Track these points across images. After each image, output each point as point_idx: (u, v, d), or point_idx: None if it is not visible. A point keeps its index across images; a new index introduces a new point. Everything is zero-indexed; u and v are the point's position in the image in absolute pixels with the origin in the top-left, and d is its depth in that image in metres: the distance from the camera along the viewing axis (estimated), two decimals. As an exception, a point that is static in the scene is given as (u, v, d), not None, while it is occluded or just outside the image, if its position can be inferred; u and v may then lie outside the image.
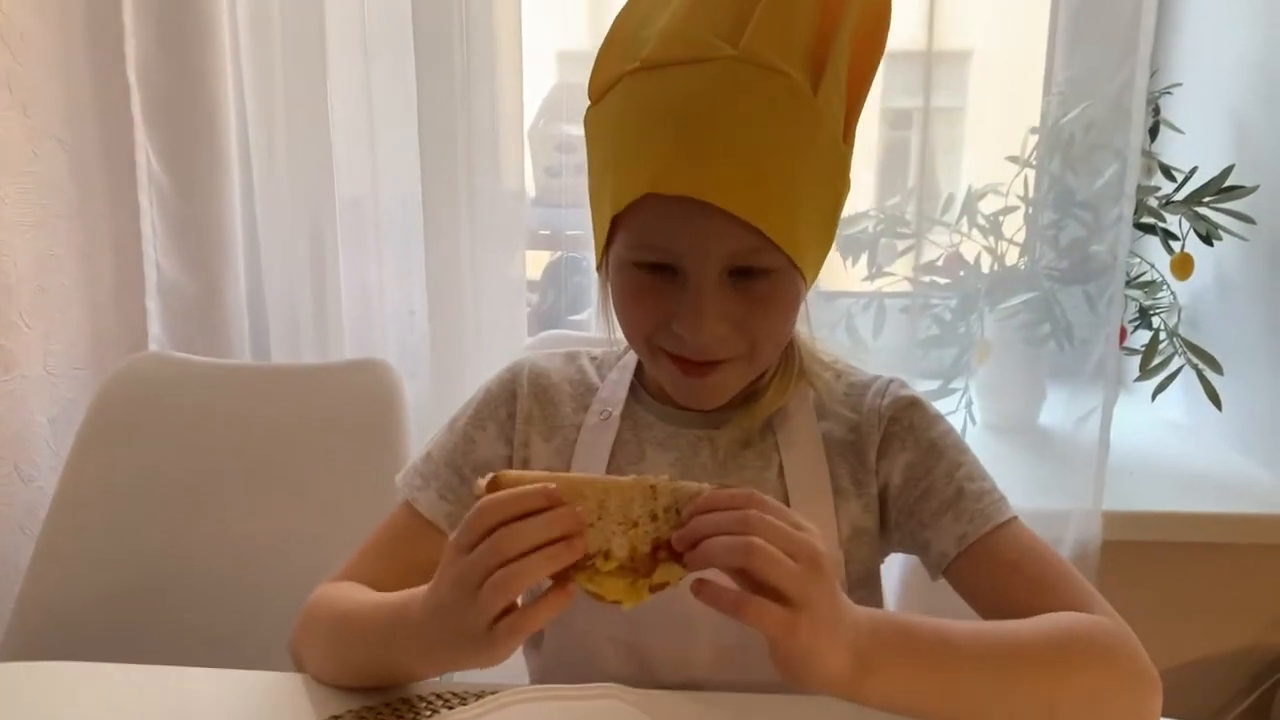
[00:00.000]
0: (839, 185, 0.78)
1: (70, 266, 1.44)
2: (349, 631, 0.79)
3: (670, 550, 0.61)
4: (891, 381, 0.87)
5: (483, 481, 0.63)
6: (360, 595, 0.82)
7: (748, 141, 0.70)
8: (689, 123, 0.70)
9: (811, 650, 0.59)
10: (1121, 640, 0.71)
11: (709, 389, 0.79)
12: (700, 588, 0.59)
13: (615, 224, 0.77)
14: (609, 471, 0.85)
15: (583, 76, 0.81)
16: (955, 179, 1.64)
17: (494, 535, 0.60)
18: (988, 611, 0.78)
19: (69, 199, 1.43)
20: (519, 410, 0.89)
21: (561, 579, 0.62)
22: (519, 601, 0.63)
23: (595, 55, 0.79)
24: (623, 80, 0.75)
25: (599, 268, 0.82)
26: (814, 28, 0.72)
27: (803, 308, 0.83)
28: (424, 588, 0.68)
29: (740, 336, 0.76)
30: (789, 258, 0.73)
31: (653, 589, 0.62)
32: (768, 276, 0.74)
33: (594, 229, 0.82)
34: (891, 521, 0.84)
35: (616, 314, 0.81)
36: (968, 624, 0.68)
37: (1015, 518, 0.80)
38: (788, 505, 0.80)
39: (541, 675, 0.89)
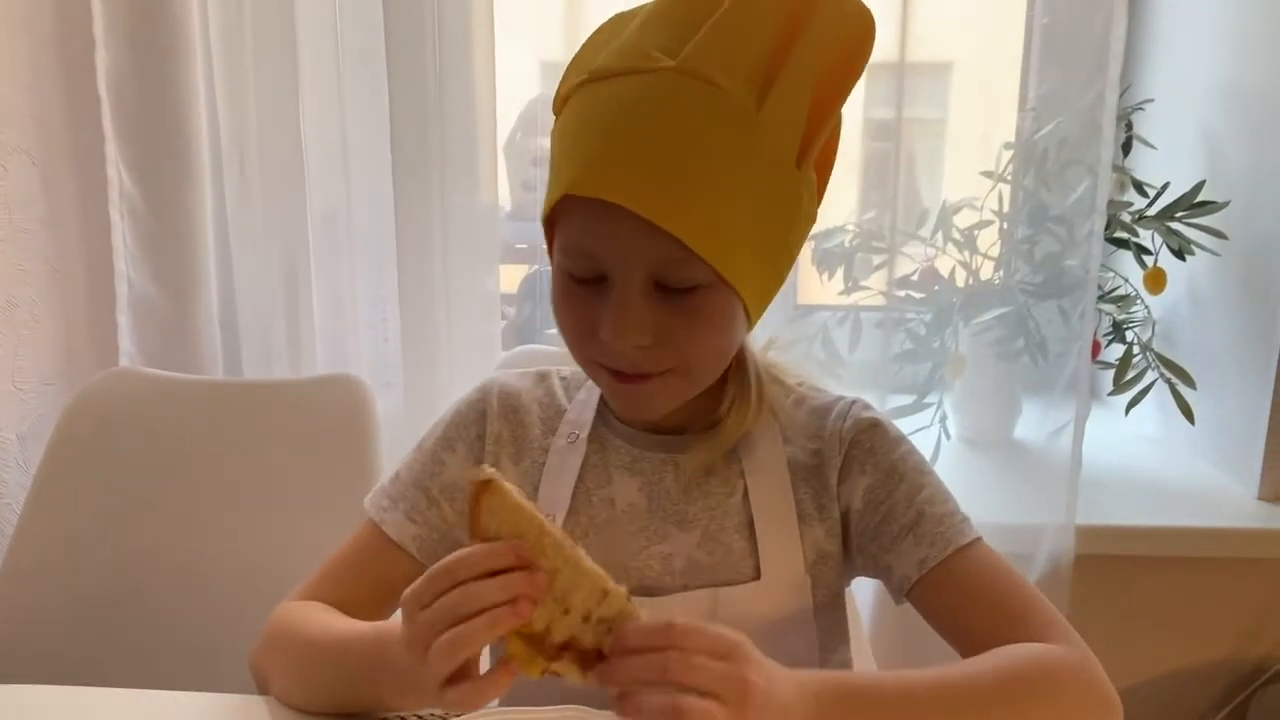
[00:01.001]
0: (787, 210, 0.76)
1: (40, 281, 1.43)
2: (321, 660, 0.79)
3: (579, 653, 0.61)
4: (854, 403, 0.86)
5: (474, 479, 0.62)
6: (328, 620, 0.81)
7: (671, 149, 0.69)
8: (613, 129, 0.70)
9: None
10: (1079, 670, 0.71)
11: (643, 400, 0.78)
12: (626, 707, 0.58)
13: (550, 232, 0.77)
14: (575, 494, 0.85)
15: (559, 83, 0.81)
16: (932, 193, 1.65)
17: (448, 596, 0.60)
18: (950, 635, 0.78)
19: (39, 213, 1.42)
20: (489, 431, 0.88)
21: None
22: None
23: (572, 50, 0.80)
24: (574, 93, 0.76)
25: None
26: (765, 48, 0.71)
27: (765, 330, 0.83)
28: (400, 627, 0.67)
29: (668, 351, 0.74)
30: (718, 273, 0.72)
31: (546, 672, 0.61)
32: (696, 291, 0.73)
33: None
34: (854, 545, 0.84)
35: (559, 326, 0.80)
36: (927, 675, 0.68)
37: (978, 539, 0.79)
38: (753, 531, 0.82)
39: (512, 696, 0.88)
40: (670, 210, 0.69)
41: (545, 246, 0.80)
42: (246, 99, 1.49)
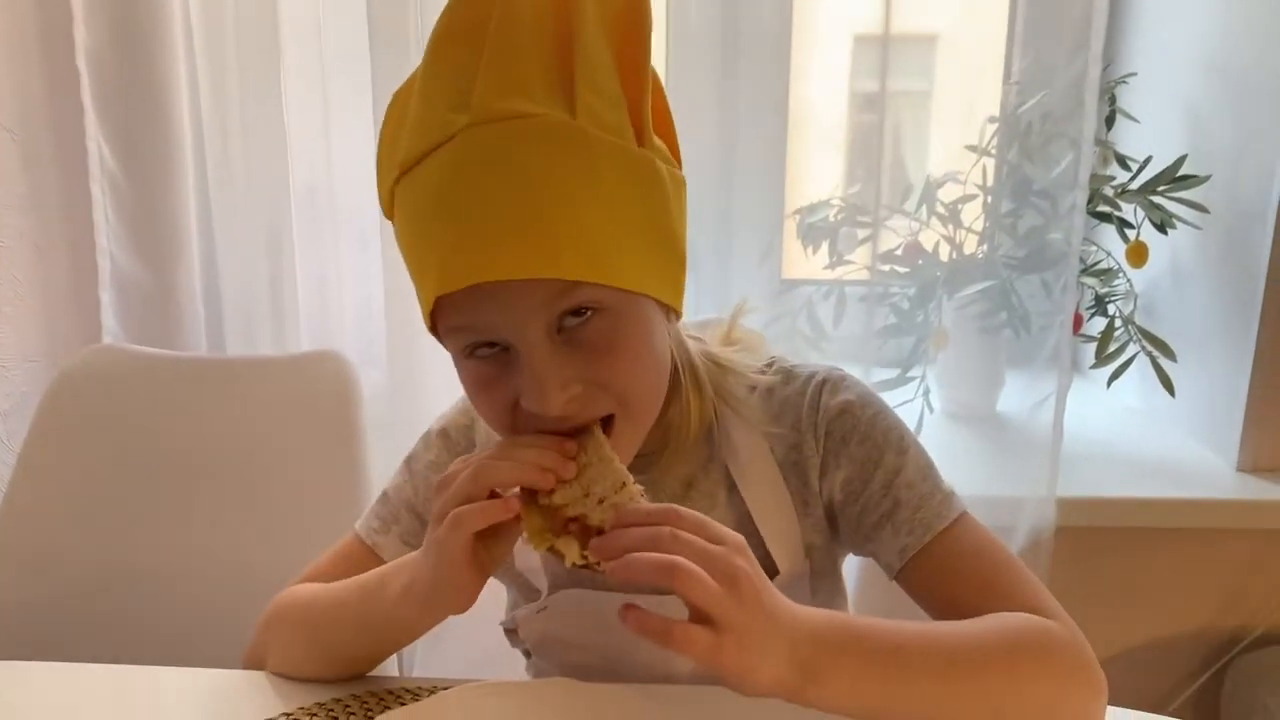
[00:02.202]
0: (652, 189, 0.70)
1: (22, 258, 1.43)
2: (327, 609, 0.81)
3: (581, 530, 0.64)
4: (823, 385, 0.83)
5: None
6: (335, 584, 0.83)
7: (508, 201, 0.64)
8: (446, 211, 0.66)
9: (742, 667, 0.59)
10: (1068, 645, 0.71)
11: None
12: (627, 614, 0.58)
13: (435, 329, 0.73)
14: None
15: None
16: (917, 167, 1.65)
17: (499, 445, 0.68)
18: (939, 615, 0.77)
19: (20, 190, 1.42)
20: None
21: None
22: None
23: None
24: (394, 193, 0.71)
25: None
26: (548, 57, 0.66)
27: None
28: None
29: (600, 393, 0.70)
30: (615, 288, 0.68)
31: (550, 549, 0.66)
32: (598, 316, 0.68)
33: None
34: (840, 535, 0.84)
35: (482, 415, 0.75)
36: (919, 626, 0.68)
37: (960, 517, 0.78)
38: (756, 530, 0.81)
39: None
40: (543, 258, 0.64)
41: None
42: (228, 73, 1.48)
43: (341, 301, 1.56)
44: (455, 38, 0.68)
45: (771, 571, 0.81)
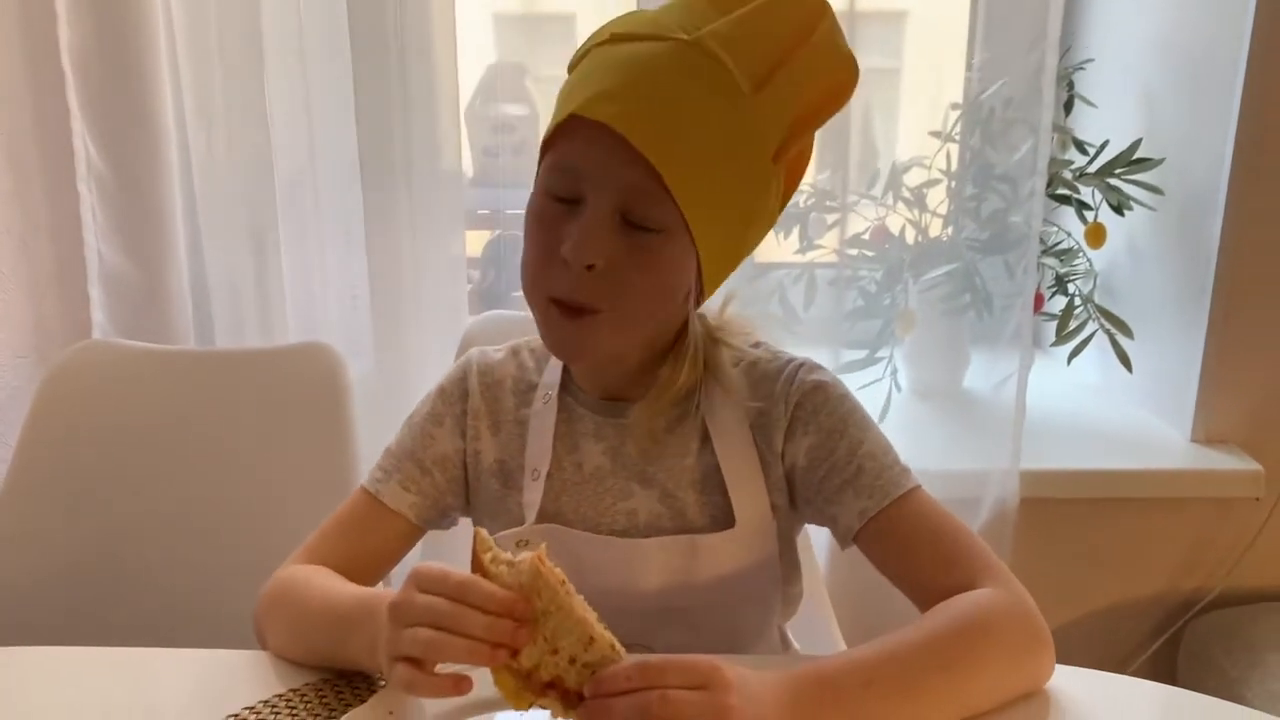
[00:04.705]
0: (757, 192, 0.83)
1: (9, 255, 1.44)
2: (311, 617, 0.84)
3: (562, 692, 0.65)
4: (801, 366, 0.91)
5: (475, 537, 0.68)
6: (324, 581, 0.86)
7: (670, 100, 0.77)
8: (623, 72, 0.78)
9: None
10: (1011, 612, 0.77)
11: (577, 338, 0.83)
12: None
13: (542, 158, 0.84)
14: (552, 457, 0.91)
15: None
16: (885, 151, 1.69)
17: (447, 607, 0.66)
18: (894, 578, 0.84)
19: (6, 188, 1.43)
20: (470, 407, 0.94)
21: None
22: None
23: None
24: (592, 50, 0.83)
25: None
26: (772, 50, 0.80)
27: (723, 288, 0.89)
28: (388, 595, 0.73)
29: (609, 284, 0.80)
30: (683, 218, 0.78)
31: (532, 705, 0.66)
32: (657, 235, 0.79)
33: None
34: (800, 499, 0.90)
35: (522, 259, 0.85)
36: (880, 648, 0.73)
37: (916, 488, 0.85)
38: (704, 488, 0.88)
39: None
40: (655, 143, 0.76)
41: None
42: (211, 69, 1.50)
43: (326, 294, 1.59)
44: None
45: (729, 522, 0.88)
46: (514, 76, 1.68)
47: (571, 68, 0.86)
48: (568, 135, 0.80)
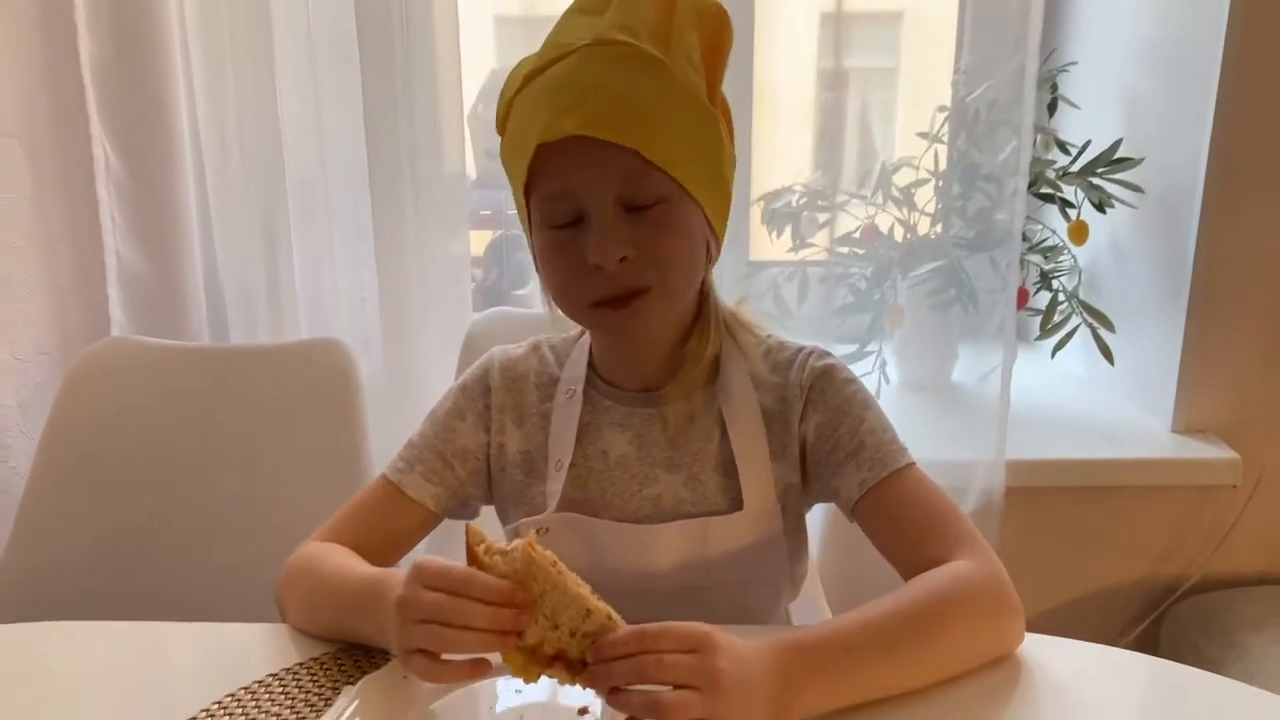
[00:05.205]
0: (715, 134, 0.89)
1: (32, 257, 1.50)
2: (327, 594, 0.89)
3: (566, 662, 0.71)
4: (811, 353, 0.98)
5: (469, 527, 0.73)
6: (340, 560, 0.92)
7: (612, 87, 0.84)
8: (559, 92, 0.84)
9: (733, 717, 0.70)
10: (987, 581, 0.83)
11: (635, 320, 0.88)
12: (615, 700, 0.68)
13: (529, 199, 0.89)
14: (576, 448, 0.96)
15: (518, 58, 0.93)
16: (880, 149, 1.74)
17: (451, 602, 0.71)
18: (883, 548, 0.90)
19: (27, 193, 1.48)
20: (494, 402, 1.00)
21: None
22: None
23: (529, 23, 0.92)
24: (513, 101, 0.89)
25: (532, 253, 0.93)
26: (657, 17, 0.86)
27: (725, 293, 0.95)
28: (399, 578, 0.78)
29: (647, 263, 0.86)
30: (675, 181, 0.85)
31: (541, 675, 0.71)
32: (661, 205, 0.86)
33: (521, 224, 0.94)
34: (810, 474, 0.96)
35: (548, 286, 0.92)
36: (859, 618, 0.79)
37: (912, 464, 0.91)
38: (727, 471, 0.95)
39: None
40: (624, 128, 0.83)
41: (510, 213, 0.90)
42: (224, 75, 1.55)
43: (337, 289, 1.64)
44: (587, 9, 0.88)
45: (738, 505, 0.94)
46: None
47: (501, 127, 0.92)
48: (543, 170, 0.86)
